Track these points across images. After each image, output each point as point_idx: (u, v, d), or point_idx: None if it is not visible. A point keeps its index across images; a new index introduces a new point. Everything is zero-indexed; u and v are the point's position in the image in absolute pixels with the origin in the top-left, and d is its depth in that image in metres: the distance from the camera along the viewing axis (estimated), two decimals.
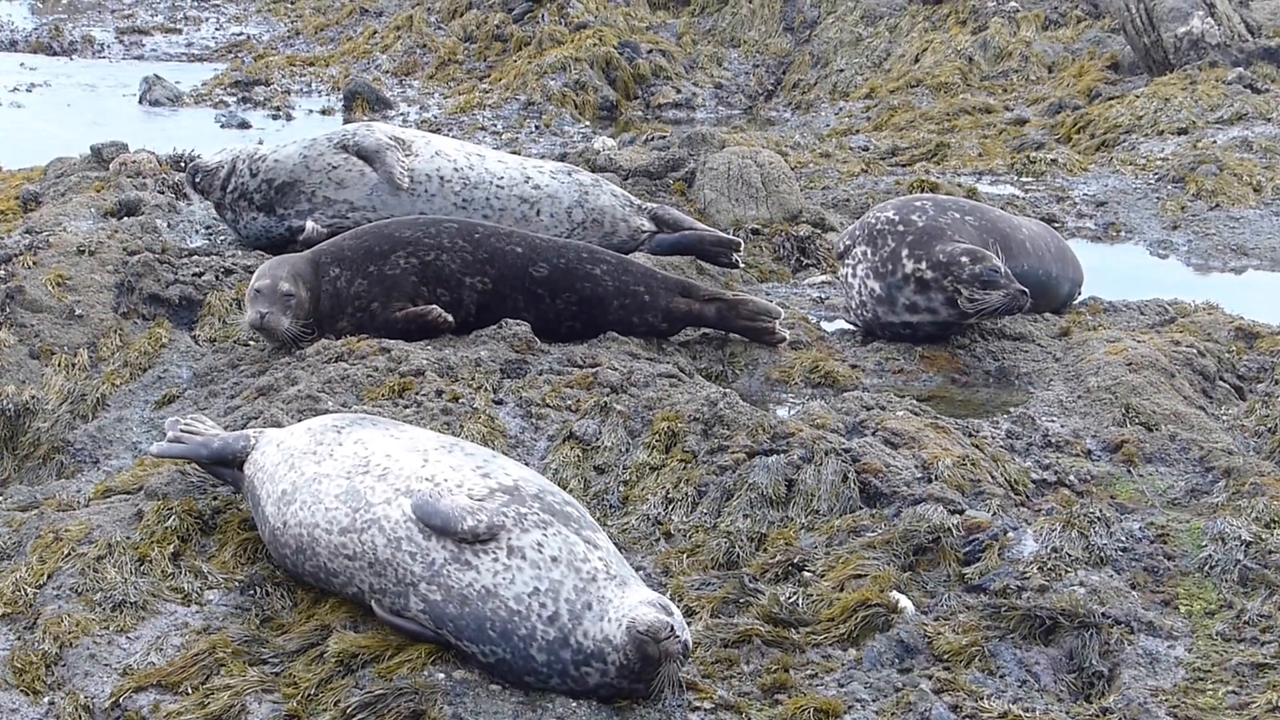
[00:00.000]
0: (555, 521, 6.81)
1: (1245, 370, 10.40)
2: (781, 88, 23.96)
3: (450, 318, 10.22)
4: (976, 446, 8.78)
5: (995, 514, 8.01)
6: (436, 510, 6.78)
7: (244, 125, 21.07)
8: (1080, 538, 7.75)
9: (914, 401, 9.38)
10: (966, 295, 10.36)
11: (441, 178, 11.98)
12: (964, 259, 10.39)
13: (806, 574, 7.68)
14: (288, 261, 10.33)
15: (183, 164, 13.93)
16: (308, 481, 7.30)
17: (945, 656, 7.11)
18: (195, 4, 30.46)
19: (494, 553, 6.69)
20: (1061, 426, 9.26)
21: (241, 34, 27.99)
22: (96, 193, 13.30)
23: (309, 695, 6.73)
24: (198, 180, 12.50)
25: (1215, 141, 16.96)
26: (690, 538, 8.07)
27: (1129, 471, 8.69)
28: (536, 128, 20.98)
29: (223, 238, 12.68)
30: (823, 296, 12.24)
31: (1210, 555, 7.62)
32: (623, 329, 10.41)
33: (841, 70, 23.52)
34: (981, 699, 6.82)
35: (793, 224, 13.58)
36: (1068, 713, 6.82)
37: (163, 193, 13.31)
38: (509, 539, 6.71)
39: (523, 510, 6.81)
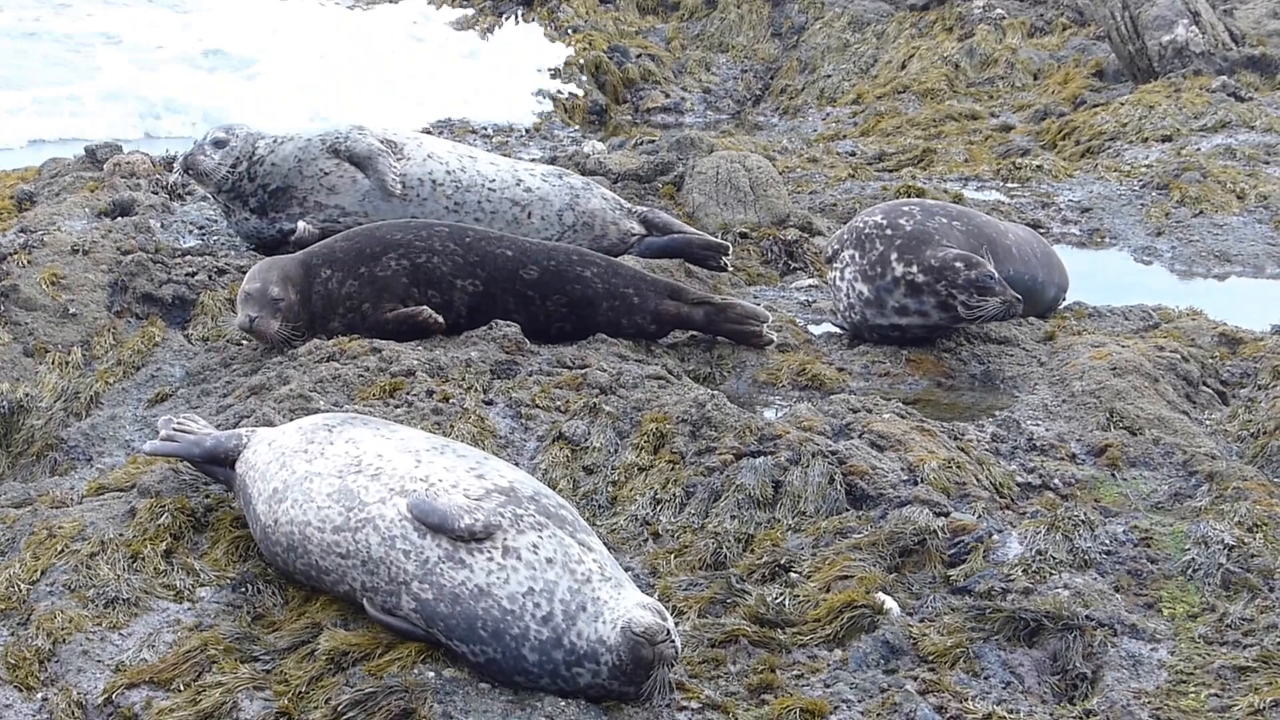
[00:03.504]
0: (550, 524, 6.84)
1: (1228, 375, 10.45)
2: (769, 93, 24.00)
3: (440, 319, 10.27)
4: (962, 449, 8.82)
5: (980, 517, 8.04)
6: (434, 508, 6.82)
7: None
8: (1064, 541, 7.78)
9: (900, 404, 9.42)
10: (963, 300, 10.41)
11: (434, 181, 12.01)
12: (958, 264, 10.44)
13: (793, 575, 7.71)
14: (279, 264, 10.38)
15: (171, 165, 13.93)
16: (299, 480, 7.33)
17: (930, 658, 7.14)
18: None
19: (489, 552, 6.73)
20: (1046, 430, 9.31)
21: None
22: (91, 193, 13.35)
23: (300, 693, 6.73)
24: (190, 174, 12.46)
25: (1199, 149, 17.01)
26: (678, 538, 8.11)
27: (1113, 475, 8.71)
28: (526, 131, 21.01)
29: (216, 238, 12.71)
30: (810, 300, 12.28)
31: (1193, 559, 7.64)
32: (612, 331, 10.47)
33: (829, 76, 23.57)
34: (966, 700, 6.85)
35: (780, 228, 13.62)
36: (1051, 714, 6.85)
37: (156, 193, 13.34)
38: (504, 539, 6.75)
39: (519, 511, 6.84)
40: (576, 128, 21.49)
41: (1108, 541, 7.86)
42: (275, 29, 27.17)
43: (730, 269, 12.40)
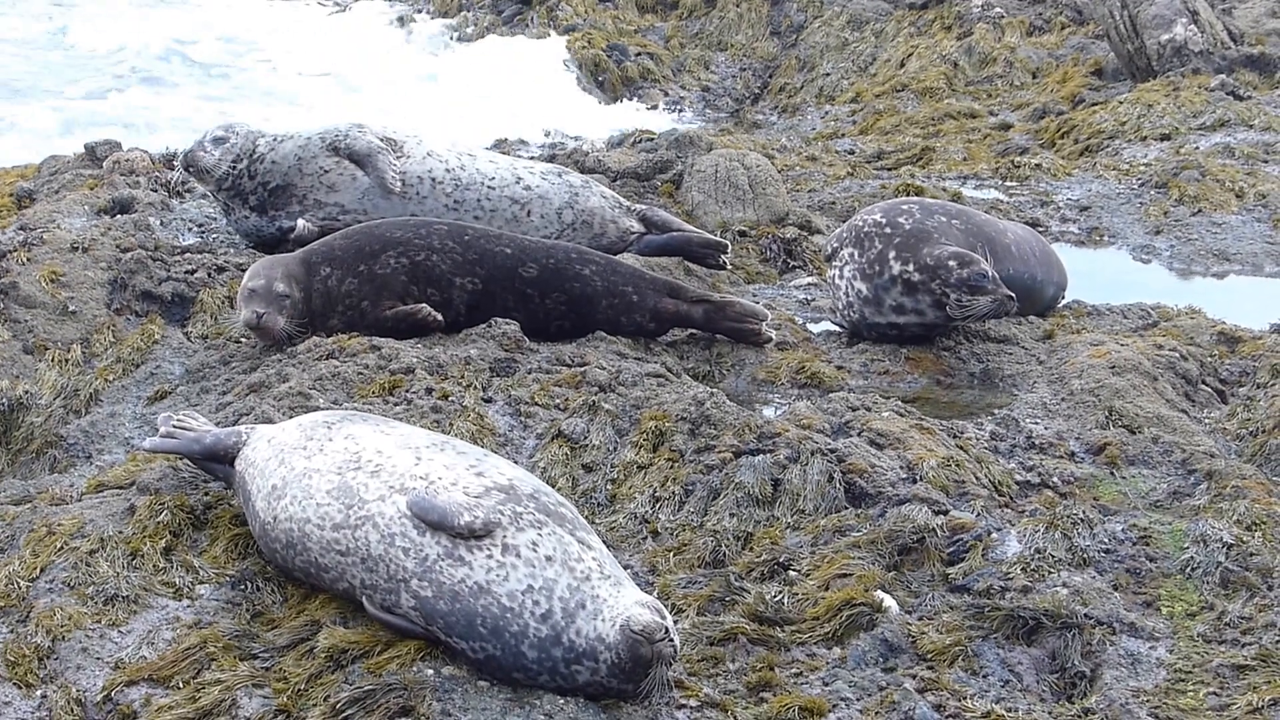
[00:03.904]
0: (550, 521, 6.85)
1: (1227, 374, 10.44)
2: (768, 91, 24.01)
3: (439, 316, 10.28)
4: (961, 448, 8.82)
5: (979, 515, 8.05)
6: (434, 505, 6.83)
7: None
8: (1063, 539, 7.79)
9: (899, 403, 9.42)
10: (954, 299, 10.42)
11: (433, 179, 12.02)
12: (951, 263, 10.45)
13: (792, 573, 7.72)
14: (280, 261, 10.39)
15: (174, 162, 13.92)
16: (298, 477, 7.33)
17: (929, 656, 7.15)
18: None
19: (488, 549, 6.74)
20: (1045, 428, 9.31)
21: None
22: (90, 190, 13.35)
23: (299, 690, 6.74)
24: (190, 171, 12.45)
25: (1198, 147, 17.00)
26: (677, 536, 8.11)
27: (1112, 473, 8.72)
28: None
29: (215, 235, 12.71)
30: (809, 298, 12.28)
31: (1192, 557, 7.65)
32: (611, 329, 10.47)
33: (828, 74, 23.57)
34: (965, 698, 6.86)
35: (779, 226, 13.62)
36: (1050, 713, 6.86)
37: (156, 190, 13.35)
38: (504, 537, 6.76)
39: (518, 509, 6.85)
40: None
41: (1106, 540, 7.87)
42: (274, 29, 27.23)
43: (729, 267, 12.41)
